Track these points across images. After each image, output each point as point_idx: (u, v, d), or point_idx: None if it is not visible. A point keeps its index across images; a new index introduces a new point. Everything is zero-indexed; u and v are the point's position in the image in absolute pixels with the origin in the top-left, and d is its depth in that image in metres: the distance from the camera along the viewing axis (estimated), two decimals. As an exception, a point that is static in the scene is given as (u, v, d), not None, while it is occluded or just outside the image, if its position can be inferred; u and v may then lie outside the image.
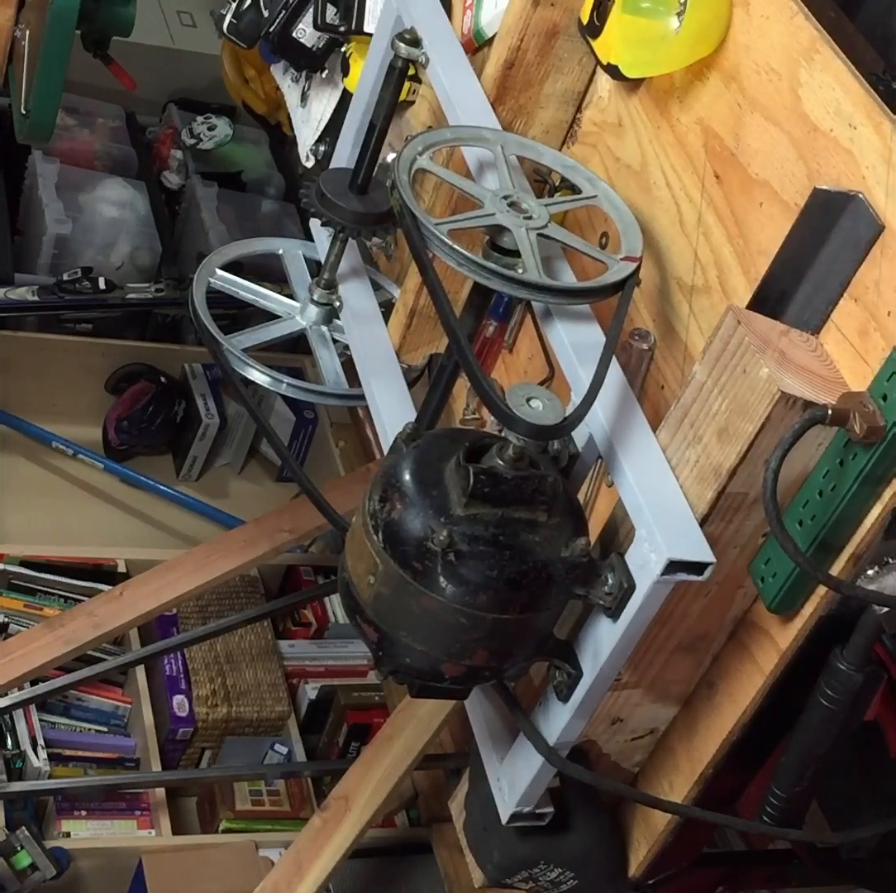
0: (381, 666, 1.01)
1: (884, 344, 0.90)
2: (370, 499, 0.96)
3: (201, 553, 2.24)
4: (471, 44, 1.40)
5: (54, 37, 1.70)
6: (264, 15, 1.64)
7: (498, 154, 1.13)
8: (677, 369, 1.12)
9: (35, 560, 2.43)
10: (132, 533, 2.74)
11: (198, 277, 1.43)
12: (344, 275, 1.46)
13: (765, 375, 0.89)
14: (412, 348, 1.44)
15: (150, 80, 2.83)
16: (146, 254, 2.86)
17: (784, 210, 1.01)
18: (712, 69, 1.09)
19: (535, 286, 1.00)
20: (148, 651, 2.25)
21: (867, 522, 0.91)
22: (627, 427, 0.99)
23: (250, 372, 1.37)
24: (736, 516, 0.95)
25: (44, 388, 2.78)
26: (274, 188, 3.09)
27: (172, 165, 2.99)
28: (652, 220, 1.16)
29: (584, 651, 0.98)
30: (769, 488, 0.86)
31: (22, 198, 2.86)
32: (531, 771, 1.04)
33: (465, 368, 0.98)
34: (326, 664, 2.52)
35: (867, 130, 0.93)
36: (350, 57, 1.59)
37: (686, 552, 0.90)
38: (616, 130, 1.23)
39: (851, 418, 0.87)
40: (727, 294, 1.06)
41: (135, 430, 2.83)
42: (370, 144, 1.34)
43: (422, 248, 1.00)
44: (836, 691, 0.96)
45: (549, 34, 1.23)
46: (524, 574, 0.92)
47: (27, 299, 2.60)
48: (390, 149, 1.39)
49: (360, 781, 1.80)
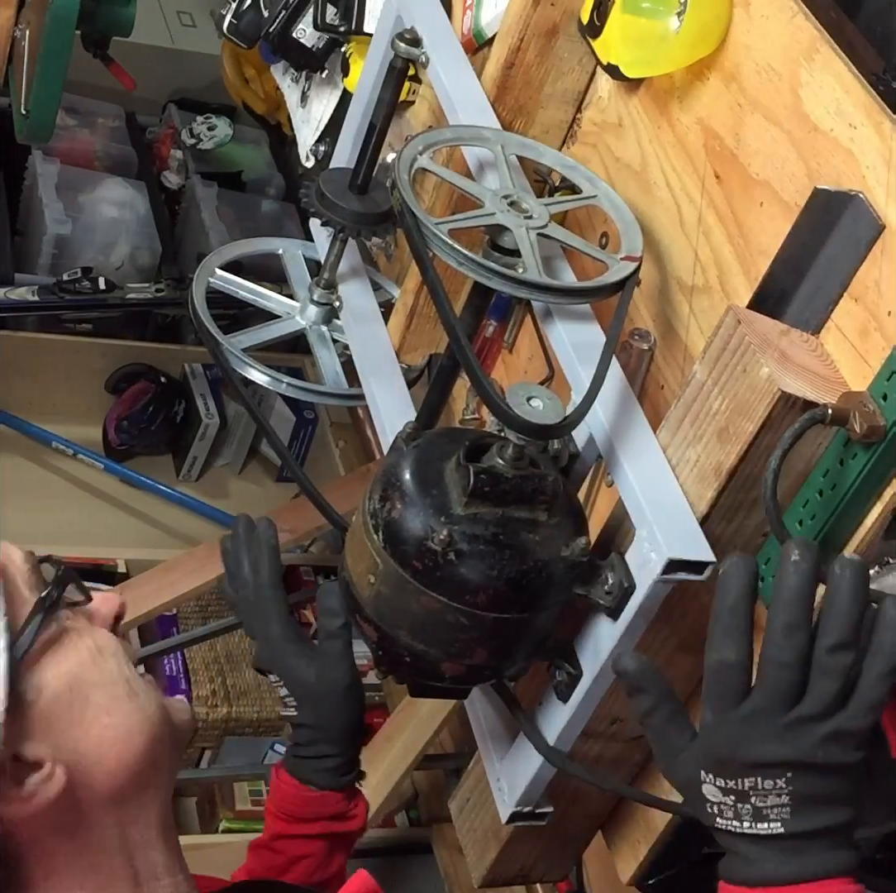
0: (381, 666, 1.01)
1: (884, 344, 0.90)
2: (370, 499, 0.96)
3: (201, 553, 2.24)
4: (471, 44, 1.40)
5: (54, 37, 1.71)
6: (264, 15, 1.64)
7: (498, 154, 1.13)
8: (677, 369, 1.12)
9: (35, 560, 2.43)
10: (132, 533, 2.74)
11: (197, 277, 1.43)
12: (344, 275, 1.46)
13: (765, 374, 0.89)
14: (412, 348, 1.44)
15: (150, 80, 2.84)
16: (146, 254, 2.87)
17: (784, 210, 1.01)
18: (712, 69, 1.09)
19: (536, 286, 1.00)
20: (148, 651, 2.25)
21: (867, 521, 0.91)
22: (627, 427, 0.99)
23: (250, 372, 1.37)
24: (736, 515, 0.95)
25: (44, 388, 2.78)
26: (274, 188, 3.09)
27: (172, 165, 2.99)
28: (652, 220, 1.16)
29: (584, 651, 0.98)
30: (769, 488, 0.86)
31: (22, 198, 2.86)
32: (531, 771, 1.04)
33: (465, 368, 0.98)
34: (326, 664, 2.52)
35: (867, 129, 0.93)
36: (350, 57, 1.59)
37: (686, 552, 0.90)
38: (616, 130, 1.23)
39: (851, 417, 0.87)
40: (727, 294, 1.06)
41: (135, 430, 2.83)
42: (370, 143, 1.34)
43: (422, 247, 1.00)
44: (836, 691, 0.96)
45: (549, 34, 1.23)
46: (524, 574, 0.92)
47: (27, 299, 2.60)
48: (390, 149, 1.39)
49: (360, 781, 1.80)
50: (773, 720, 0.77)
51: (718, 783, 0.79)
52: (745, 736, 0.78)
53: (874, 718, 0.77)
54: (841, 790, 0.79)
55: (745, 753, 0.78)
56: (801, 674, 0.77)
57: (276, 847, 1.18)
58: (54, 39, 1.71)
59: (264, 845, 1.19)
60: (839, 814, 0.79)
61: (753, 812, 0.79)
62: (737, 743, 0.78)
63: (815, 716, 0.77)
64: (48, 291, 2.61)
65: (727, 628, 0.79)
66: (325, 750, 1.15)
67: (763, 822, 0.78)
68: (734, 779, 0.79)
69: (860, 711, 0.77)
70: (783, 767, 0.77)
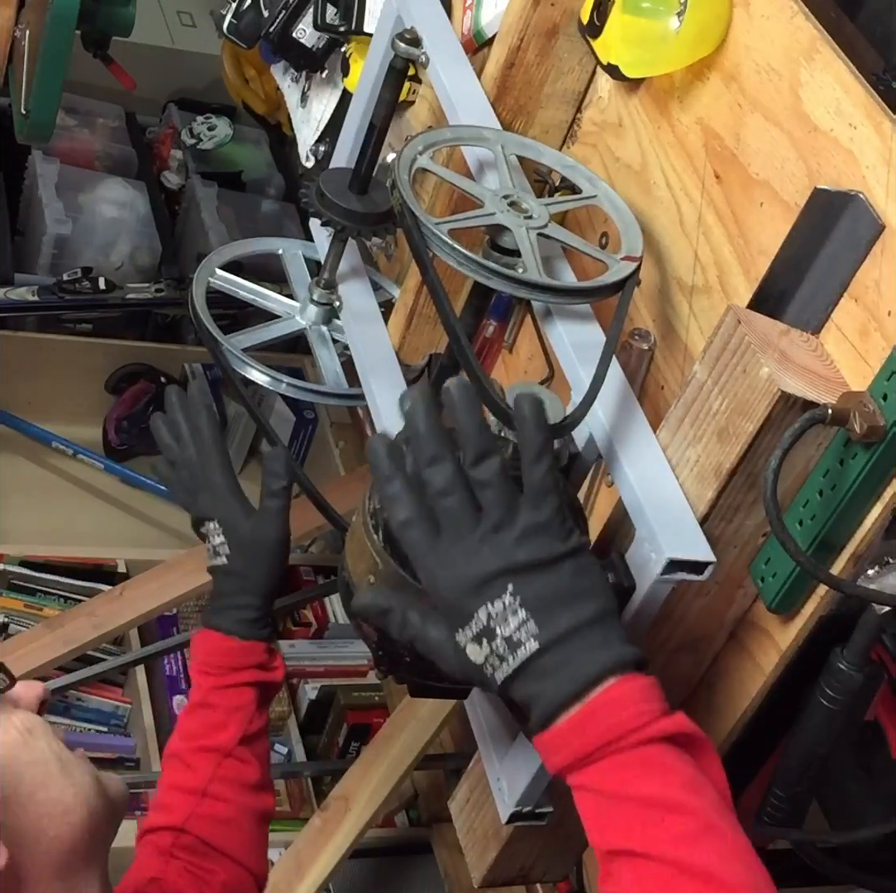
0: (380, 666, 1.01)
1: (884, 344, 0.90)
2: (370, 499, 0.96)
3: (201, 553, 2.24)
4: (471, 44, 1.40)
5: (54, 37, 1.71)
6: (264, 15, 1.64)
7: (498, 154, 1.13)
8: (677, 369, 1.12)
9: (35, 560, 2.43)
10: (132, 533, 2.74)
11: (197, 277, 1.43)
12: (344, 275, 1.46)
13: (765, 374, 0.89)
14: (412, 348, 1.44)
15: (150, 80, 2.83)
16: (146, 254, 2.86)
17: (784, 210, 1.01)
18: (712, 69, 1.09)
19: (536, 286, 1.00)
20: (148, 651, 2.25)
21: (867, 521, 0.91)
22: (627, 427, 0.99)
23: (250, 372, 1.37)
24: (736, 515, 0.95)
25: (44, 388, 2.78)
26: (274, 188, 3.08)
27: (172, 165, 2.99)
28: (652, 220, 1.16)
29: (584, 651, 0.98)
30: (769, 488, 0.86)
31: (22, 198, 2.86)
32: (531, 771, 1.04)
33: (465, 368, 0.98)
34: (326, 664, 2.52)
35: (867, 129, 0.93)
36: (350, 57, 1.59)
37: (686, 552, 0.90)
38: (616, 130, 1.23)
39: (851, 417, 0.87)
40: (727, 294, 1.06)
41: (135, 430, 2.83)
42: (370, 143, 1.34)
43: (422, 247, 1.01)
44: (836, 691, 0.96)
45: (549, 34, 1.23)
46: (524, 574, 0.92)
47: (27, 299, 2.60)
48: (390, 149, 1.39)
49: (360, 781, 1.80)
50: (467, 547, 0.79)
51: (466, 634, 0.80)
52: (453, 573, 0.80)
53: (551, 503, 0.80)
54: (572, 583, 0.80)
55: (462, 586, 0.79)
56: (466, 495, 0.80)
57: (210, 702, 1.19)
58: (54, 39, 1.71)
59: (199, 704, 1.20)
60: (586, 607, 0.79)
61: (508, 644, 0.79)
62: (452, 583, 0.80)
63: (498, 524, 0.79)
64: (48, 291, 2.60)
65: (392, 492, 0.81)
66: (247, 600, 1.21)
67: (520, 648, 0.79)
68: (471, 620, 0.80)
69: (535, 500, 0.80)
70: (497, 579, 0.79)
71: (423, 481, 0.81)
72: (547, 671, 0.78)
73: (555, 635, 0.78)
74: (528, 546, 0.79)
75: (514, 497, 0.80)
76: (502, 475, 0.80)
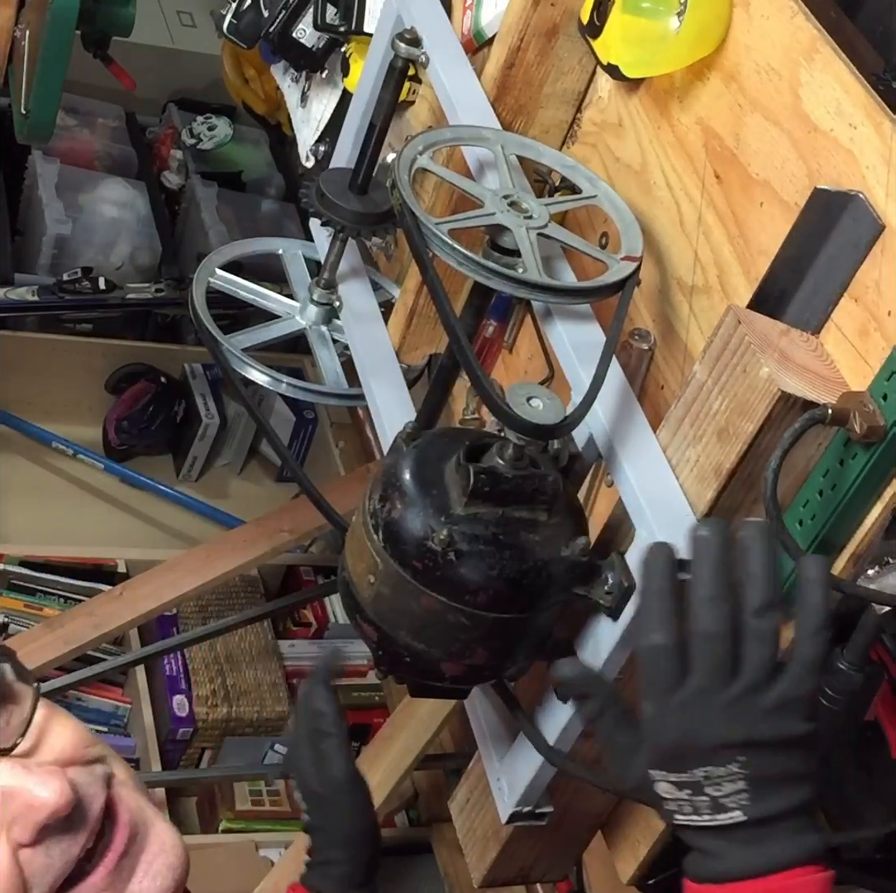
0: (381, 666, 1.01)
1: (884, 344, 0.90)
2: (370, 499, 0.96)
3: (201, 553, 2.25)
4: (471, 44, 1.40)
5: (54, 37, 1.71)
6: (264, 15, 1.64)
7: (498, 154, 1.13)
8: (677, 369, 1.12)
9: (35, 560, 2.44)
10: (132, 533, 2.74)
11: (197, 277, 1.43)
12: (344, 275, 1.46)
13: (765, 374, 0.89)
14: (412, 348, 1.44)
15: (150, 80, 2.84)
16: (146, 254, 2.87)
17: (784, 210, 1.01)
18: (712, 69, 1.09)
19: (536, 286, 1.00)
20: (148, 651, 2.26)
21: (867, 521, 0.91)
22: (627, 427, 0.99)
23: (250, 372, 1.37)
24: (736, 515, 0.95)
25: (44, 388, 2.78)
26: (274, 188, 3.09)
27: (172, 165, 2.99)
28: (652, 220, 1.16)
29: (584, 651, 0.98)
30: (769, 488, 0.86)
31: (22, 198, 2.86)
32: (531, 771, 1.04)
33: (465, 368, 0.98)
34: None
35: (867, 129, 0.93)
36: (350, 57, 1.59)
37: (686, 552, 0.90)
38: (616, 130, 1.23)
39: (851, 417, 0.87)
40: (727, 294, 1.06)
41: (135, 430, 2.83)
42: (370, 143, 1.34)
43: (422, 247, 1.00)
44: (836, 691, 0.96)
45: (549, 34, 1.23)
46: (524, 574, 0.92)
47: (27, 299, 2.60)
48: (390, 149, 1.39)
49: (360, 781, 1.80)
50: (714, 700, 0.75)
51: (671, 778, 0.77)
52: (687, 723, 0.76)
53: (814, 681, 0.75)
54: (797, 766, 0.76)
55: (691, 741, 0.76)
56: (731, 645, 0.75)
57: None
58: (54, 39, 1.71)
59: None
60: (800, 793, 0.76)
61: (711, 804, 0.76)
62: (681, 733, 0.76)
63: (755, 686, 0.75)
64: (48, 291, 2.61)
65: (654, 611, 0.77)
66: (333, 855, 1.10)
67: (723, 812, 0.76)
68: (685, 771, 0.76)
69: (800, 674, 0.75)
70: (732, 749, 0.75)
71: (693, 615, 0.76)
72: (740, 841, 0.76)
73: (765, 814, 0.75)
74: (774, 721, 0.75)
75: (775, 661, 0.75)
76: (777, 635, 0.75)
